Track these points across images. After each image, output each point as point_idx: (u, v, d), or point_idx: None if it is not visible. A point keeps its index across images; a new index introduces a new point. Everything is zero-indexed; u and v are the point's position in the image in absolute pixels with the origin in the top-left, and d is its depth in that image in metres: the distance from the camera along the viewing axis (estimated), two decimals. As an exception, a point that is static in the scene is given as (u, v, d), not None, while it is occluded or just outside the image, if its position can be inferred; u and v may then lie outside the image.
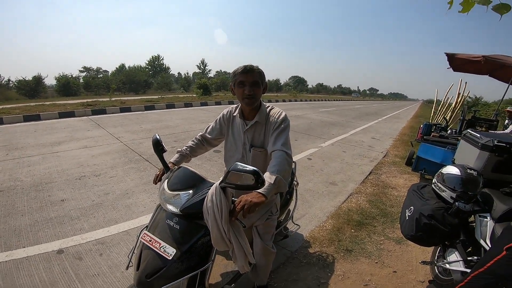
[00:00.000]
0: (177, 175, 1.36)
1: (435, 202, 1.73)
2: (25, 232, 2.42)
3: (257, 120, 1.51)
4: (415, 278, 2.10)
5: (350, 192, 3.65)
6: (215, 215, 1.13)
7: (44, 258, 2.09)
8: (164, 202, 1.27)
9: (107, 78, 34.60)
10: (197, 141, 1.74)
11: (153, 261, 1.17)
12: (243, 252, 1.23)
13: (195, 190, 1.27)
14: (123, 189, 3.33)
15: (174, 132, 6.63)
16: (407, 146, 6.63)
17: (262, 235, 1.60)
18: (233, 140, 1.62)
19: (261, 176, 1.05)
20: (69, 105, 10.21)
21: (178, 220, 1.23)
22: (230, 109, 1.66)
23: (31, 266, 2.00)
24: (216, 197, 1.13)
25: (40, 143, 5.17)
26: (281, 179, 1.28)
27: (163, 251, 1.15)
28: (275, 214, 1.64)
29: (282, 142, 1.41)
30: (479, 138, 2.44)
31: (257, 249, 1.61)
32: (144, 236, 1.23)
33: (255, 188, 1.07)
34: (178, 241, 1.18)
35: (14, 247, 2.21)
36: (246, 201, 1.14)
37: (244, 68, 1.41)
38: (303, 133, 7.61)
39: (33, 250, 2.18)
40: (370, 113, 16.98)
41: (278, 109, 1.57)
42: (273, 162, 1.35)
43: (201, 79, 21.71)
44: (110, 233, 2.43)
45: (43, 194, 3.11)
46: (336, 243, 2.46)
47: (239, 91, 1.43)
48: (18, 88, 21.63)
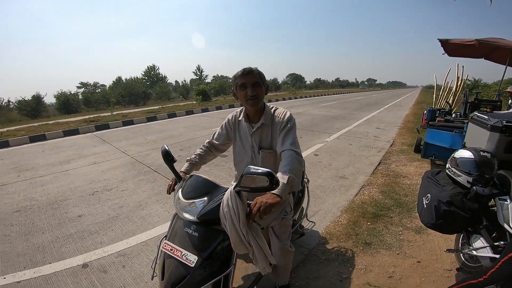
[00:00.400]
0: (190, 184, 1.38)
1: (452, 187, 1.69)
2: (48, 248, 2.48)
3: (263, 122, 1.52)
4: (441, 267, 2.08)
5: (361, 185, 3.64)
6: (233, 219, 1.14)
7: (71, 273, 2.14)
8: (181, 211, 1.29)
9: (105, 92, 34.76)
10: (205, 148, 1.76)
11: (176, 269, 1.18)
12: (263, 253, 1.25)
13: (209, 197, 1.28)
14: (136, 201, 3.36)
15: (179, 141, 6.66)
16: (413, 133, 6.60)
17: (279, 235, 1.61)
18: (241, 144, 1.63)
19: (275, 177, 1.07)
20: (72, 122, 10.30)
21: (196, 227, 1.24)
22: (235, 114, 1.67)
23: (59, 281, 2.06)
24: (232, 202, 1.15)
25: (49, 163, 5.23)
26: (294, 178, 1.29)
27: (185, 259, 1.17)
28: (289, 213, 1.65)
29: (290, 142, 1.42)
30: (487, 119, 2.42)
31: (275, 249, 1.61)
32: (165, 245, 1.25)
33: (270, 189, 1.08)
34: (198, 248, 1.19)
35: (40, 263, 2.27)
36: (262, 203, 1.16)
37: (243, 70, 1.43)
38: (307, 129, 7.61)
39: (59, 265, 2.24)
40: (371, 104, 16.91)
41: (282, 109, 1.58)
42: (284, 162, 1.36)
43: (199, 85, 21.76)
44: (129, 245, 2.46)
45: (60, 211, 3.16)
46: (354, 237, 2.45)
47: (242, 94, 1.45)
48: (19, 108, 21.85)
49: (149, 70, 49.98)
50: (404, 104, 17.27)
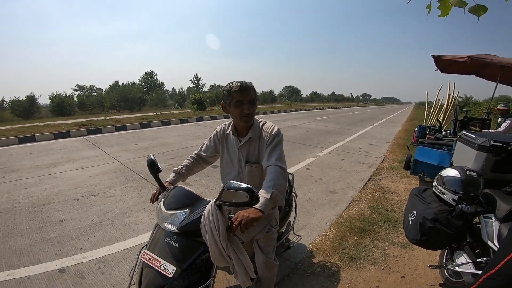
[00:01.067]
0: (173, 195, 1.39)
1: (438, 205, 1.72)
2: (25, 251, 2.40)
3: (250, 136, 1.52)
4: (424, 282, 2.08)
5: (350, 200, 3.64)
6: (213, 232, 1.14)
7: (46, 277, 2.08)
8: (162, 222, 1.29)
9: (101, 96, 34.62)
10: (193, 159, 1.75)
11: (154, 279, 1.17)
12: (243, 267, 1.24)
13: (191, 209, 1.28)
14: (122, 208, 3.29)
15: (171, 149, 6.61)
16: (403, 150, 6.67)
17: (263, 248, 1.59)
18: (229, 157, 1.63)
19: (255, 193, 1.07)
20: (64, 125, 10.16)
21: (176, 238, 1.24)
22: (223, 126, 1.67)
23: (33, 285, 1.99)
24: (213, 215, 1.15)
25: (36, 165, 5.11)
26: (277, 194, 1.30)
27: (163, 269, 1.16)
28: (275, 227, 1.64)
29: (276, 157, 1.42)
30: (475, 139, 2.47)
31: (259, 262, 1.59)
32: (144, 254, 1.24)
33: (250, 204, 1.09)
34: (178, 258, 1.19)
35: (15, 266, 2.20)
36: (243, 217, 1.16)
37: (241, 86, 1.40)
38: (300, 143, 7.64)
39: (35, 269, 2.17)
40: (365, 119, 17.15)
41: (270, 123, 1.57)
42: (268, 177, 1.36)
43: (195, 94, 21.82)
44: (111, 251, 2.40)
45: (42, 215, 3.07)
46: (340, 252, 2.43)
47: (237, 111, 1.43)
48: (12, 108, 21.52)
49: (147, 76, 50.10)
50: (396, 120, 17.56)
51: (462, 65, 4.89)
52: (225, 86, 1.45)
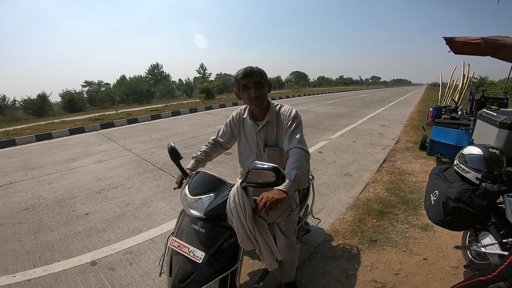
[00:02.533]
0: (196, 180, 1.39)
1: (461, 184, 1.68)
2: (57, 246, 2.50)
3: (268, 120, 1.51)
4: (448, 264, 2.07)
5: (366, 182, 3.63)
6: (239, 215, 1.15)
7: (80, 271, 2.16)
8: (188, 208, 1.30)
9: (109, 90, 35.00)
10: (210, 145, 1.77)
11: (184, 266, 1.19)
12: (270, 249, 1.25)
13: (216, 193, 1.29)
14: (142, 198, 3.38)
15: (183, 138, 6.69)
16: (418, 131, 6.55)
17: (285, 232, 1.61)
18: (246, 141, 1.63)
19: (282, 172, 1.07)
20: (78, 121, 10.38)
21: (202, 224, 1.25)
22: (239, 111, 1.67)
23: (68, 279, 2.08)
24: (239, 197, 1.15)
25: (56, 161, 5.29)
26: (301, 175, 1.29)
27: (192, 255, 1.18)
28: (295, 210, 1.65)
29: (298, 140, 1.42)
30: (496, 116, 2.41)
31: (281, 246, 1.62)
32: (172, 242, 1.26)
33: (276, 184, 1.08)
34: (205, 244, 1.20)
35: (49, 262, 2.28)
36: (268, 198, 1.16)
37: (244, 71, 1.41)
38: (311, 127, 7.59)
39: (68, 263, 2.26)
40: (375, 101, 16.79)
41: (287, 106, 1.56)
42: (291, 159, 1.36)
43: (202, 83, 21.77)
44: (136, 242, 2.48)
45: (67, 209, 3.19)
46: (359, 234, 2.45)
47: (245, 95, 1.44)
48: (24, 107, 22.09)
49: (153, 68, 50.17)
50: (409, 102, 17.11)
51: (476, 47, 4.72)
52: (234, 74, 1.48)
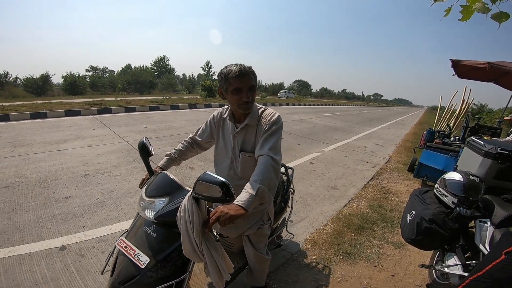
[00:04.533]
0: (155, 181, 1.32)
1: (437, 206, 1.75)
2: (28, 228, 2.44)
3: (247, 122, 1.39)
4: (413, 282, 2.11)
5: (351, 197, 3.66)
6: (187, 225, 1.06)
7: (47, 255, 2.11)
8: (141, 209, 1.23)
9: (113, 77, 34.95)
10: (187, 144, 1.67)
11: (126, 268, 1.14)
12: (217, 266, 1.14)
13: (170, 198, 1.21)
14: (127, 188, 3.37)
15: (178, 133, 6.69)
16: (409, 153, 6.61)
17: (254, 244, 1.55)
18: (223, 144, 1.53)
19: (230, 190, 1.00)
20: (75, 103, 10.32)
21: (155, 227, 1.18)
22: (220, 111, 1.57)
23: (33, 262, 2.02)
24: (188, 207, 1.06)
25: (46, 141, 5.24)
26: (264, 190, 1.17)
27: (137, 259, 1.12)
28: (266, 223, 1.57)
29: (270, 146, 1.29)
30: (483, 145, 2.45)
31: (250, 256, 1.57)
32: (121, 242, 1.20)
33: (223, 201, 1.01)
34: (153, 249, 1.14)
35: (17, 243, 2.23)
36: (222, 213, 1.06)
37: (240, 71, 1.25)
38: (306, 137, 7.63)
39: (36, 246, 2.20)
40: (373, 119, 16.96)
41: (271, 110, 1.43)
42: (257, 169, 1.24)
43: (205, 81, 21.83)
44: (112, 231, 2.46)
45: (48, 191, 3.16)
46: (336, 246, 2.47)
47: (235, 98, 1.30)
48: (25, 86, 21.92)
49: (159, 60, 50.21)
50: (406, 123, 17.32)
51: (481, 72, 4.76)
52: (222, 70, 1.30)
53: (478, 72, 4.99)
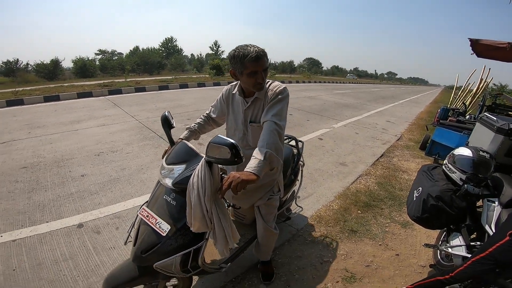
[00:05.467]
0: (175, 150, 1.36)
1: (444, 183, 1.67)
2: (48, 207, 2.55)
3: (256, 96, 1.46)
4: (416, 262, 2.11)
5: (359, 174, 3.65)
6: (199, 190, 1.09)
7: (66, 233, 2.21)
8: (162, 177, 1.27)
9: (122, 60, 34.80)
10: (204, 118, 1.76)
11: (148, 237, 1.18)
12: (224, 235, 1.18)
13: (187, 165, 1.24)
14: (139, 164, 3.47)
15: (187, 110, 6.73)
16: (422, 130, 6.46)
17: (264, 216, 1.61)
18: (233, 118, 1.59)
19: (238, 151, 1.02)
20: (87, 86, 10.42)
21: (175, 196, 1.22)
22: (228, 88, 1.63)
23: (53, 241, 2.12)
24: (201, 172, 1.09)
25: (60, 122, 5.38)
26: (272, 154, 1.22)
27: (158, 227, 1.16)
28: (276, 194, 1.63)
29: (274, 113, 1.34)
30: (495, 121, 2.37)
31: (259, 228, 1.64)
32: (142, 211, 1.25)
33: (232, 162, 1.03)
34: (173, 217, 1.18)
35: (38, 222, 2.33)
36: (234, 178, 1.08)
37: (256, 56, 1.27)
38: (316, 113, 7.53)
39: (56, 224, 2.31)
40: (386, 97, 16.42)
41: (277, 82, 1.50)
42: (262, 135, 1.29)
43: (214, 59, 21.49)
44: (126, 207, 2.56)
45: (65, 169, 3.29)
46: (342, 223, 2.50)
47: (251, 80, 1.34)
48: (37, 71, 22.26)
49: (167, 41, 49.41)
50: (420, 102, 16.68)
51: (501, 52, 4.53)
52: (235, 52, 1.31)
53: (498, 52, 4.75)
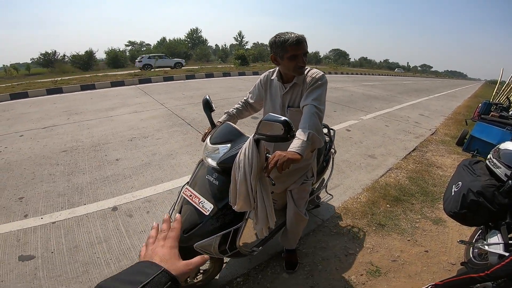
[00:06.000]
0: (219, 130, 1.38)
1: (487, 178, 1.58)
2: (86, 190, 2.68)
3: (295, 81, 1.48)
4: (446, 259, 2.02)
5: (389, 167, 3.52)
6: (245, 168, 1.10)
7: (101, 215, 2.30)
8: (205, 156, 1.29)
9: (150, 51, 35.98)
10: (242, 104, 1.80)
11: (191, 216, 1.21)
12: (266, 214, 1.20)
13: (233, 144, 1.26)
14: (168, 150, 3.60)
15: (213, 99, 6.64)
16: (460, 126, 6.05)
17: (296, 200, 1.62)
18: (271, 103, 1.62)
19: (292, 127, 1.03)
20: (119, 75, 10.96)
21: (217, 176, 1.23)
22: (267, 73, 1.66)
23: (89, 223, 2.20)
24: (249, 150, 1.11)
25: (96, 109, 5.71)
26: (314, 134, 1.24)
27: (201, 206, 1.19)
28: (310, 179, 1.65)
29: (313, 97, 1.37)
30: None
31: (290, 213, 1.65)
32: (186, 191, 1.28)
33: (285, 139, 1.03)
34: (216, 196, 1.20)
35: (76, 205, 2.44)
36: (280, 156, 1.10)
37: (297, 40, 1.32)
38: (343, 105, 7.32)
39: (92, 207, 2.41)
40: (420, 90, 15.48)
41: (316, 69, 1.52)
42: (303, 118, 1.33)
43: (238, 50, 21.50)
44: (156, 192, 2.66)
45: (101, 153, 3.48)
46: (369, 216, 2.44)
47: (292, 63, 1.38)
48: (72, 62, 23.77)
49: (192, 32, 50.06)
50: (458, 96, 15.54)
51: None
52: (276, 39, 1.37)
53: None
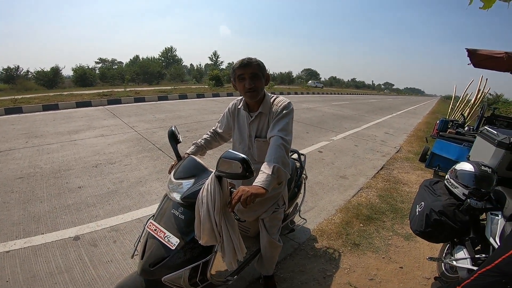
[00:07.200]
0: (183, 164, 1.38)
1: (447, 198, 1.69)
2: (44, 218, 2.49)
3: (260, 111, 1.48)
4: (421, 274, 2.09)
5: (360, 187, 3.63)
6: (209, 204, 1.10)
7: (61, 245, 2.15)
8: (170, 191, 1.28)
9: (121, 69, 35.19)
10: (211, 134, 1.77)
11: (157, 250, 1.17)
12: (233, 247, 1.19)
13: (196, 179, 1.26)
14: (137, 177, 3.43)
15: (186, 122, 6.73)
16: (421, 142, 6.48)
17: (268, 228, 1.60)
18: (239, 132, 1.62)
19: (250, 166, 1.04)
20: (86, 95, 10.47)
21: (183, 210, 1.23)
22: (235, 102, 1.66)
23: (48, 253, 2.06)
24: (211, 186, 1.11)
25: (58, 132, 5.35)
26: (280, 168, 1.25)
27: (167, 240, 1.16)
28: (281, 207, 1.64)
29: (279, 128, 1.38)
30: (496, 135, 2.38)
31: (263, 241, 1.62)
32: (150, 225, 1.24)
33: (244, 177, 1.04)
34: (182, 231, 1.19)
35: (33, 234, 2.27)
36: (244, 191, 1.10)
37: (241, 62, 1.38)
38: (315, 126, 7.56)
39: (51, 236, 2.25)
40: (384, 108, 16.58)
41: (282, 97, 1.53)
42: (269, 150, 1.33)
43: (213, 70, 21.72)
44: (124, 220, 2.50)
45: (61, 181, 3.23)
46: (344, 237, 2.46)
47: (241, 86, 1.42)
48: (36, 78, 22.43)
49: (166, 51, 50.16)
50: (418, 112, 16.86)
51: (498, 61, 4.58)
52: (232, 65, 1.47)
53: (495, 62, 4.81)
